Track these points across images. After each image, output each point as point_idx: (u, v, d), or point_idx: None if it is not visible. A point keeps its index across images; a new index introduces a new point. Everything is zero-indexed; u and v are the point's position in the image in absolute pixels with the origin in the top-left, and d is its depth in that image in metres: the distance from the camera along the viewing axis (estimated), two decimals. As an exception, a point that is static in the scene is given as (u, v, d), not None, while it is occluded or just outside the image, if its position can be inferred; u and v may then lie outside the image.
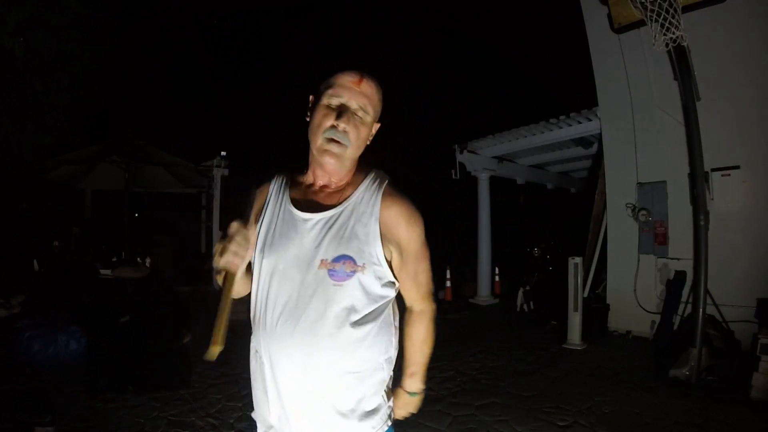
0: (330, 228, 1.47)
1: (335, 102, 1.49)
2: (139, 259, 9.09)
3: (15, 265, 8.24)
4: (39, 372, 5.31)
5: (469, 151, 10.68)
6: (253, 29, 17.63)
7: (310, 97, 1.58)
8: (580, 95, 8.73)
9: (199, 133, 14.57)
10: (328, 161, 1.49)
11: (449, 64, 17.14)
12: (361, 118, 1.50)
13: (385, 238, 1.49)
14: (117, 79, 10.99)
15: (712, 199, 6.39)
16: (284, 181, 1.62)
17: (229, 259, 1.35)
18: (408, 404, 1.73)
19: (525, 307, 9.55)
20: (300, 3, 17.96)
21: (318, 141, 1.49)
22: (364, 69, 1.55)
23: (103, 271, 7.90)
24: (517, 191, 12.97)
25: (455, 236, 12.53)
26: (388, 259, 1.50)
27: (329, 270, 1.43)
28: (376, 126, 1.61)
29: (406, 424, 4.29)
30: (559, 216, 12.93)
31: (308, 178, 1.60)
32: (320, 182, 1.58)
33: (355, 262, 1.44)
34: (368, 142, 1.58)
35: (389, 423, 1.56)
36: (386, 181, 1.58)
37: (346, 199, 1.52)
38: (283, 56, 17.10)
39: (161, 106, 14.14)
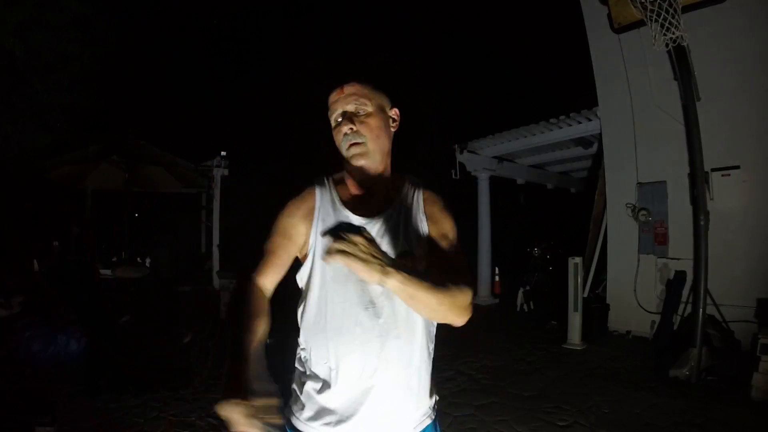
0: (387, 229, 1.53)
1: (337, 119, 1.60)
2: (139, 259, 9.10)
3: (15, 265, 8.23)
4: (39, 372, 5.31)
5: (469, 151, 10.70)
6: (253, 29, 17.64)
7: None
8: (580, 95, 8.74)
9: (199, 133, 14.58)
10: (358, 162, 1.56)
11: (449, 63, 17.16)
12: (362, 111, 1.58)
13: (430, 230, 1.58)
14: (117, 79, 10.97)
15: (712, 199, 6.39)
16: (330, 188, 1.64)
17: None
18: None
19: (525, 307, 9.54)
20: (300, 2, 17.98)
21: (344, 154, 1.59)
22: (344, 76, 1.62)
23: (103, 271, 7.90)
24: (517, 191, 12.98)
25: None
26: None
27: None
28: (393, 111, 1.68)
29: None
30: (559, 216, 12.94)
31: (352, 186, 1.65)
32: (369, 188, 1.63)
33: (414, 255, 1.51)
34: (394, 128, 1.68)
35: None
36: (419, 181, 1.70)
37: (393, 200, 1.61)
38: (283, 55, 17.12)
39: (161, 106, 14.13)
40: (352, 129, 1.55)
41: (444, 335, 1.60)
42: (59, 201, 11.13)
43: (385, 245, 1.48)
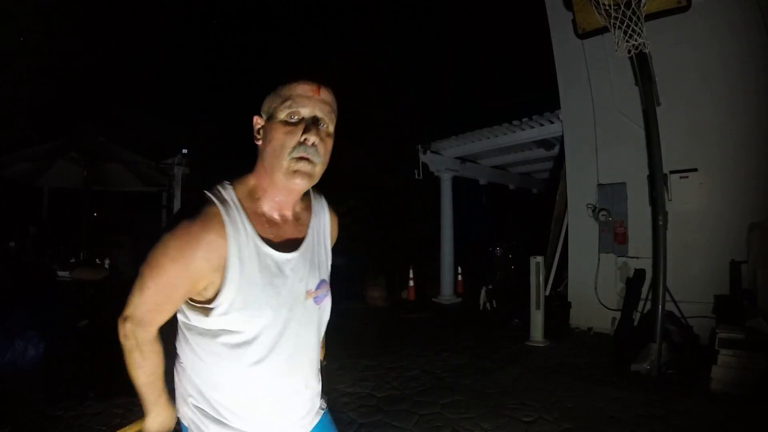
0: (307, 260, 1.46)
1: (296, 116, 1.32)
2: (98, 260, 8.83)
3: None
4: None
5: (432, 152, 10.76)
6: (213, 24, 17.41)
7: (255, 119, 1.40)
8: (544, 98, 8.86)
9: (160, 130, 14.28)
10: (299, 183, 1.34)
11: (413, 63, 17.22)
12: (326, 129, 1.36)
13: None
14: (76, 73, 10.67)
15: (671, 200, 6.57)
16: (240, 215, 1.32)
17: None
18: None
19: (488, 305, 9.62)
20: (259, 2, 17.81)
21: (284, 163, 1.31)
22: (318, 75, 1.37)
23: (60, 273, 7.63)
24: (480, 191, 13.09)
25: (418, 236, 12.59)
26: None
27: (314, 298, 1.48)
28: None
29: (372, 425, 4.30)
30: (520, 216, 13.11)
31: (265, 206, 1.40)
32: (282, 210, 1.44)
33: (327, 282, 1.55)
34: None
35: None
36: (322, 196, 1.62)
37: (308, 224, 1.52)
38: (244, 54, 16.94)
39: (121, 102, 13.80)
40: (314, 143, 1.31)
41: (408, 334, 1.63)
42: (15, 200, 10.76)
43: (307, 278, 1.45)
